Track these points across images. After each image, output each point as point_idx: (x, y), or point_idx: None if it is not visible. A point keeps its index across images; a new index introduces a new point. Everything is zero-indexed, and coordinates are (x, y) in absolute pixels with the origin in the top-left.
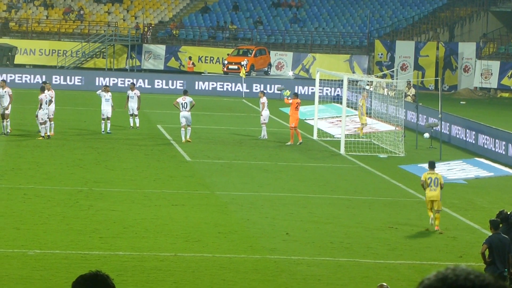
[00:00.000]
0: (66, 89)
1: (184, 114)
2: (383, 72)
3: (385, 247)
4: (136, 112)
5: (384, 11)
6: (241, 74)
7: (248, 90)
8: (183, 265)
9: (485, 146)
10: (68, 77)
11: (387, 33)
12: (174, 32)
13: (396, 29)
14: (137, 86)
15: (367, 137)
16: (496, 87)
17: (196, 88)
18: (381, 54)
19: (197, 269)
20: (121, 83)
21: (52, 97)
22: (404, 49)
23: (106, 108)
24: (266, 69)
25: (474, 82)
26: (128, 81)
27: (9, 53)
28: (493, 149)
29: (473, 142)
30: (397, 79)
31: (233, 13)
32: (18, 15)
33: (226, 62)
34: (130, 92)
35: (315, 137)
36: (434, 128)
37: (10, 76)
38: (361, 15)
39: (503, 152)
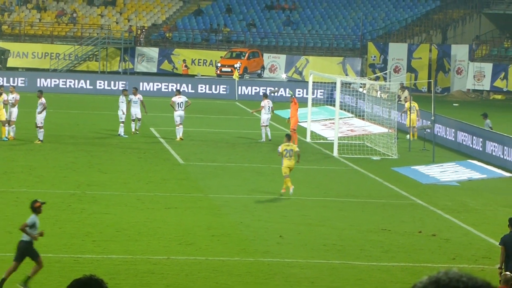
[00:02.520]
0: (59, 92)
1: (179, 113)
2: (376, 75)
3: (378, 249)
4: (139, 116)
5: (377, 13)
6: (234, 77)
7: (241, 93)
8: (176, 268)
9: (478, 148)
10: (61, 80)
11: (380, 35)
12: (167, 35)
13: (389, 32)
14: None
15: (360, 139)
16: (488, 89)
17: (189, 90)
18: (374, 56)
19: (190, 272)
20: (113, 86)
21: (16, 100)
22: (397, 51)
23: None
24: (259, 71)
25: (467, 84)
26: (122, 84)
27: (2, 56)
28: (486, 151)
29: (466, 144)
30: (390, 81)
31: (226, 16)
32: (11, 18)
33: (219, 64)
34: (133, 97)
35: (308, 139)
36: (427, 130)
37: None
38: (354, 17)
39: (496, 154)
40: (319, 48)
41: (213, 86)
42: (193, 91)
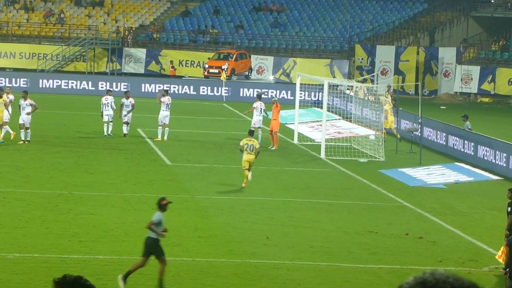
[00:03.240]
0: (45, 93)
1: (165, 113)
2: (363, 77)
3: (365, 252)
4: (130, 120)
5: (364, 15)
6: (222, 78)
7: (227, 94)
8: None
9: (465, 151)
10: (48, 81)
11: (368, 37)
12: (155, 36)
13: (377, 34)
14: (118, 89)
15: (347, 141)
16: (476, 92)
17: (177, 91)
18: (362, 58)
19: (177, 273)
20: (101, 87)
21: (11, 101)
22: (385, 53)
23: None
24: (247, 73)
25: (454, 87)
26: (103, 85)
27: None
28: (473, 154)
29: (453, 147)
30: (377, 83)
31: (214, 17)
32: None
33: (207, 66)
34: (125, 100)
35: (295, 141)
36: (414, 132)
37: None
38: (342, 19)
39: (484, 157)
40: (307, 50)
41: (200, 87)
42: (181, 92)
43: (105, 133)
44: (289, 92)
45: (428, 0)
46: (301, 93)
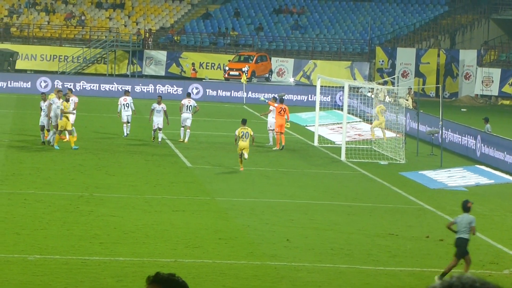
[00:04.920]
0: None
1: (187, 115)
2: (384, 79)
3: (385, 254)
4: (161, 126)
5: (385, 18)
6: (242, 80)
7: (247, 96)
8: (183, 271)
9: (486, 153)
10: (70, 83)
11: (388, 40)
12: (176, 38)
13: (397, 36)
14: (138, 91)
15: (368, 144)
16: (497, 94)
17: (197, 94)
18: (382, 61)
19: (197, 275)
20: (122, 89)
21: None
22: (405, 56)
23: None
24: (267, 75)
25: (475, 89)
26: (123, 87)
27: (10, 58)
28: (494, 156)
29: (474, 149)
30: (398, 86)
31: (235, 20)
32: (19, 20)
33: (227, 68)
34: (156, 106)
35: (315, 143)
36: (435, 135)
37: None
38: (362, 22)
39: (504, 160)
40: (327, 52)
41: (220, 90)
42: (201, 94)
43: (125, 134)
44: (309, 94)
45: (449, 2)
46: (321, 96)
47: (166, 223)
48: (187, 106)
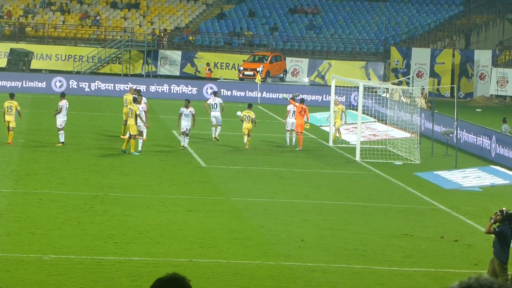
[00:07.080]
0: (81, 95)
1: (214, 114)
2: (399, 79)
3: (400, 254)
4: (189, 131)
5: (400, 18)
6: (256, 80)
7: (262, 96)
8: (198, 271)
9: (501, 153)
10: (84, 83)
11: (403, 40)
12: (190, 38)
13: (412, 36)
14: (153, 91)
15: (382, 144)
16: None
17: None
18: (397, 61)
19: (212, 275)
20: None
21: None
22: (420, 56)
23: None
24: (281, 75)
25: (490, 89)
26: (139, 87)
27: (25, 58)
28: (509, 156)
29: (489, 149)
30: (413, 86)
31: (249, 20)
32: (34, 20)
33: (241, 68)
34: (184, 110)
35: (330, 143)
36: (450, 135)
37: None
38: (377, 22)
39: None
40: (342, 52)
41: (235, 90)
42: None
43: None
44: (324, 94)
45: (464, 2)
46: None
47: (180, 223)
48: (212, 105)
